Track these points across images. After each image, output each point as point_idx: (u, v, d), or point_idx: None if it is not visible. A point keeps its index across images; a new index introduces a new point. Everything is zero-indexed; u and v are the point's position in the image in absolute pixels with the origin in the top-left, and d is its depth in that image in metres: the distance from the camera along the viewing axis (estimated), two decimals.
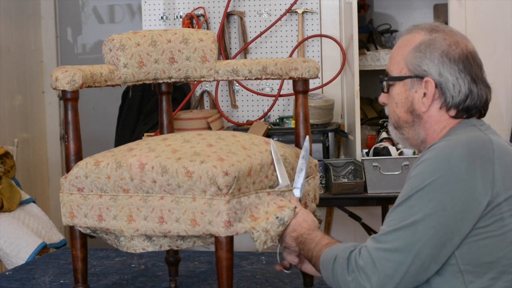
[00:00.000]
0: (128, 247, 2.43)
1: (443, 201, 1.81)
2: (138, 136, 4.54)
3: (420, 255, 1.82)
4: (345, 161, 4.31)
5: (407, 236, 1.82)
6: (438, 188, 1.82)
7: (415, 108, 1.99)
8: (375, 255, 1.84)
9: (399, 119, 2.03)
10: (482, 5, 4.23)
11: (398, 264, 1.82)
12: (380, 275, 1.83)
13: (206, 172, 2.24)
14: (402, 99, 2.01)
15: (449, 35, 1.97)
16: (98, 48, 5.69)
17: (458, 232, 1.82)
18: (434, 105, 1.97)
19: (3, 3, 5.09)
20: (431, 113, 1.98)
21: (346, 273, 1.89)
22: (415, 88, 1.98)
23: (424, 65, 1.96)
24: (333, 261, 1.94)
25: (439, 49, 1.95)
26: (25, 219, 4.23)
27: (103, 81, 2.59)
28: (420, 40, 1.97)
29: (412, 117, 2.00)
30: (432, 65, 1.95)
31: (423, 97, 1.97)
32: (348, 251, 1.91)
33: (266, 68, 2.72)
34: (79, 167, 2.43)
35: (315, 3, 4.63)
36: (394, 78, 2.02)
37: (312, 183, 2.61)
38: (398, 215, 1.86)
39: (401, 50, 2.01)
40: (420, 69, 1.97)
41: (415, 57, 1.97)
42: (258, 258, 3.33)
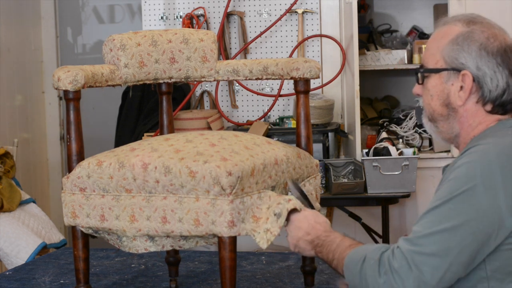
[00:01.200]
0: (130, 247, 2.43)
1: (482, 207, 1.77)
2: (138, 136, 4.54)
3: (457, 261, 1.78)
4: (345, 161, 4.31)
5: (445, 241, 1.77)
6: (478, 194, 1.78)
7: (451, 101, 1.95)
8: (410, 258, 1.79)
9: (434, 112, 1.99)
10: (482, 5, 4.24)
11: (435, 269, 1.77)
12: (416, 279, 1.78)
13: (210, 172, 2.24)
14: (437, 92, 1.97)
15: (487, 27, 1.93)
16: (98, 48, 5.69)
17: (494, 239, 1.79)
18: (470, 99, 1.93)
19: (3, 3, 5.09)
20: (467, 107, 1.94)
21: (377, 275, 1.83)
22: (451, 81, 1.94)
23: (462, 58, 1.91)
24: (361, 263, 1.88)
25: (477, 42, 1.90)
26: (25, 219, 4.23)
27: (104, 81, 2.59)
28: (458, 32, 1.93)
29: (447, 110, 1.97)
30: (470, 58, 1.91)
31: (460, 91, 1.93)
32: (379, 252, 1.86)
33: (267, 68, 2.72)
34: (81, 167, 2.44)
35: (315, 3, 4.63)
36: (430, 70, 1.97)
37: (313, 183, 2.62)
38: (435, 218, 1.80)
39: (437, 42, 1.96)
40: (457, 62, 1.92)
41: (453, 49, 1.92)
42: (258, 258, 3.34)
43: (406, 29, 5.34)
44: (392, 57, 4.76)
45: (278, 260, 3.30)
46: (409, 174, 4.12)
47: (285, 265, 3.23)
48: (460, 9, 4.30)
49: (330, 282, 2.97)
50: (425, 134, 4.57)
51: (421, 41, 4.76)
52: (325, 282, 2.98)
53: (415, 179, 4.14)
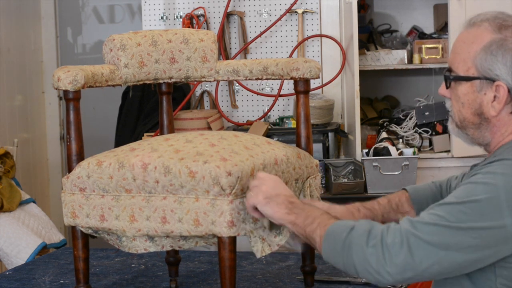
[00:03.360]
0: (130, 248, 2.43)
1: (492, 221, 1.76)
2: (138, 136, 4.54)
3: (449, 258, 1.76)
4: (345, 161, 4.32)
5: (446, 236, 1.76)
6: (493, 207, 1.76)
7: (484, 111, 1.90)
8: (406, 237, 1.77)
9: (464, 120, 1.94)
10: (482, 5, 4.23)
11: (425, 257, 1.76)
12: (404, 259, 1.76)
13: (209, 172, 2.24)
14: (469, 100, 1.91)
15: None
16: (98, 48, 5.69)
17: (495, 254, 1.78)
18: (504, 109, 1.89)
19: (3, 3, 5.09)
20: (500, 117, 1.90)
21: (365, 245, 1.79)
22: (484, 90, 1.89)
23: (497, 69, 1.86)
24: (348, 231, 1.83)
25: (511, 52, 1.86)
26: (25, 219, 4.23)
27: (104, 81, 2.59)
28: (490, 40, 1.87)
29: (479, 119, 1.92)
30: (504, 69, 1.86)
31: (493, 101, 1.88)
32: (369, 224, 1.83)
33: (267, 68, 2.72)
34: (81, 167, 2.44)
35: (315, 3, 4.64)
36: (462, 77, 1.92)
37: (313, 183, 2.62)
38: (444, 214, 1.78)
39: (468, 47, 1.90)
40: (491, 72, 1.87)
41: (486, 59, 1.87)
42: (258, 258, 3.33)
43: (406, 29, 5.34)
44: (392, 57, 4.76)
45: (278, 260, 3.30)
46: (409, 174, 4.13)
47: (285, 265, 3.23)
48: (460, 9, 4.30)
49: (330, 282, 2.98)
50: (425, 134, 4.57)
51: (421, 41, 4.76)
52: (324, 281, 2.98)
53: (415, 179, 4.14)
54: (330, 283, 2.96)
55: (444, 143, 4.54)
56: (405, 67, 4.76)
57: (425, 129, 4.58)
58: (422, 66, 4.74)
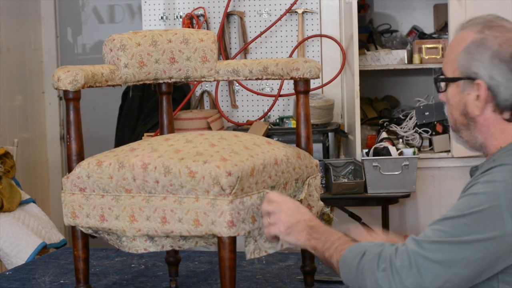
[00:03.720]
0: (130, 248, 2.43)
1: (497, 230, 1.75)
2: (138, 136, 4.54)
3: (459, 275, 1.76)
4: (345, 161, 4.32)
5: (453, 252, 1.75)
6: (495, 216, 1.75)
7: (469, 111, 1.91)
8: (414, 259, 1.77)
9: (456, 122, 1.95)
10: (482, 5, 4.24)
11: (435, 276, 1.75)
12: (415, 281, 1.76)
13: (209, 172, 2.24)
14: (456, 101, 1.93)
15: (501, 32, 1.88)
16: (98, 48, 5.69)
17: (502, 262, 1.77)
18: (487, 108, 1.89)
19: (3, 3, 5.09)
20: (486, 117, 1.90)
21: (376, 269, 1.80)
22: (467, 90, 1.90)
23: (474, 67, 1.87)
24: (361, 256, 1.84)
25: (489, 50, 1.86)
26: (25, 219, 4.23)
27: (104, 81, 2.59)
28: (471, 40, 1.88)
29: (466, 120, 1.93)
30: (482, 67, 1.86)
31: (476, 100, 1.89)
32: (379, 248, 1.83)
33: (267, 68, 2.72)
34: (81, 167, 2.44)
35: (315, 3, 4.64)
36: (445, 79, 1.94)
37: (313, 183, 2.62)
38: (448, 229, 1.78)
39: (454, 49, 1.92)
40: (470, 71, 1.88)
41: (465, 58, 1.88)
42: (258, 258, 3.33)
43: (406, 29, 5.34)
44: (392, 57, 4.76)
45: (278, 260, 3.30)
46: (409, 174, 4.13)
47: (285, 265, 3.23)
48: (460, 9, 4.30)
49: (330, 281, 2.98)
50: (425, 134, 4.57)
51: (421, 41, 4.76)
52: (324, 282, 2.98)
53: (415, 179, 4.14)
54: (330, 283, 2.96)
55: (444, 143, 4.54)
56: (405, 67, 4.76)
57: (425, 129, 4.58)
58: (422, 66, 4.74)
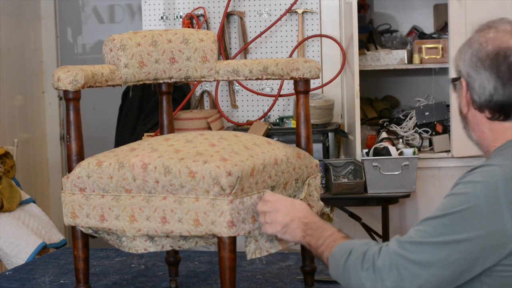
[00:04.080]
0: (130, 248, 2.43)
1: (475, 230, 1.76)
2: (138, 136, 4.54)
3: (438, 275, 1.77)
4: (345, 161, 4.32)
5: (431, 253, 1.77)
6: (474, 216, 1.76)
7: (461, 109, 1.95)
8: (394, 259, 1.80)
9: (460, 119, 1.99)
10: (482, 5, 4.23)
11: (414, 277, 1.78)
12: (394, 281, 1.78)
13: (209, 172, 2.24)
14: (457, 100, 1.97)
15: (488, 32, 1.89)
16: (98, 48, 5.69)
17: (481, 264, 1.77)
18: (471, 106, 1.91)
19: (3, 3, 5.09)
20: (473, 114, 1.92)
21: (360, 269, 1.83)
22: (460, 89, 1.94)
23: (460, 66, 1.91)
24: (347, 254, 1.88)
25: (471, 49, 1.89)
26: (25, 219, 4.23)
27: (104, 81, 2.59)
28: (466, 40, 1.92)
29: (461, 118, 1.96)
30: (463, 65, 1.90)
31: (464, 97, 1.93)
32: (365, 247, 1.86)
33: (267, 68, 2.72)
34: (81, 167, 2.44)
35: (315, 3, 4.64)
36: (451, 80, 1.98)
37: (313, 183, 2.62)
38: (429, 229, 1.80)
39: None
40: (457, 70, 1.93)
41: (456, 58, 1.93)
42: (258, 258, 3.33)
43: (406, 29, 5.34)
44: (392, 57, 4.76)
45: (278, 260, 3.30)
46: (409, 174, 4.13)
47: (285, 265, 3.23)
48: (460, 9, 4.30)
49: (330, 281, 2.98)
50: (425, 134, 4.57)
51: (421, 41, 4.76)
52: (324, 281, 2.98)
53: (415, 179, 4.14)
54: (330, 283, 2.96)
55: (444, 143, 4.54)
56: (405, 67, 4.76)
57: (425, 129, 4.58)
58: (422, 66, 4.74)
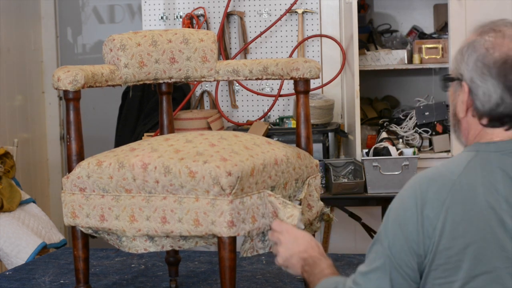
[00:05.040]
0: (130, 248, 2.43)
1: (390, 243, 1.81)
2: (138, 136, 4.54)
3: None
4: (345, 161, 4.31)
5: (380, 279, 1.81)
6: (388, 231, 1.82)
7: (456, 112, 1.90)
8: None
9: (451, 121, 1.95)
10: (482, 5, 4.23)
11: None
12: None
13: (209, 172, 2.24)
14: (451, 101, 1.92)
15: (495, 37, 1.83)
16: (98, 48, 5.69)
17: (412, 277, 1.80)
18: (469, 111, 1.86)
19: (3, 3, 5.09)
20: (468, 120, 1.87)
21: None
22: (458, 91, 1.88)
23: (461, 69, 1.85)
24: None
25: (476, 53, 1.83)
26: (25, 219, 4.23)
27: (104, 81, 2.59)
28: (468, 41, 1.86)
29: (455, 120, 1.92)
30: (466, 69, 1.84)
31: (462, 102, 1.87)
32: (334, 285, 1.91)
33: (267, 68, 2.72)
34: (81, 167, 2.44)
35: (315, 3, 4.63)
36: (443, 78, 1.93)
37: (313, 183, 2.62)
38: (371, 255, 1.85)
39: None
40: (458, 72, 1.86)
41: (457, 59, 1.87)
42: (258, 258, 3.33)
43: (406, 29, 5.34)
44: (392, 57, 4.76)
45: None
46: (409, 174, 4.12)
47: None
48: (460, 9, 4.30)
49: None
50: (425, 134, 4.57)
51: (421, 41, 4.76)
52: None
53: None
54: None
55: (444, 143, 4.54)
56: (405, 67, 4.76)
57: (425, 129, 4.58)
58: (422, 66, 4.74)
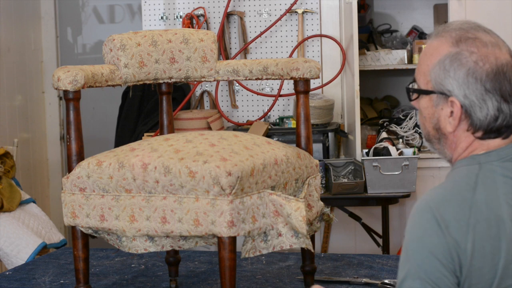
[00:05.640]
0: (130, 248, 2.43)
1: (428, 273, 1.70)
2: (138, 136, 4.54)
3: None
4: (345, 161, 4.31)
5: None
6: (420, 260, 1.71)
7: (441, 126, 1.83)
8: None
9: (428, 134, 1.89)
10: (482, 5, 4.23)
11: None
12: None
13: (209, 172, 2.24)
14: (429, 114, 1.85)
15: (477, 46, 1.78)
16: (98, 48, 5.69)
17: None
18: (460, 126, 1.81)
19: (3, 3, 5.09)
20: (457, 134, 1.82)
21: None
22: (441, 105, 1.82)
23: (448, 85, 1.78)
24: None
25: (464, 67, 1.77)
26: (25, 219, 4.23)
27: (104, 81, 2.59)
28: (446, 53, 1.79)
29: (438, 134, 1.85)
30: (456, 85, 1.77)
31: (450, 116, 1.81)
32: None
33: (267, 68, 2.72)
34: (81, 167, 2.44)
35: (315, 3, 4.63)
36: (419, 90, 1.85)
37: (313, 183, 2.62)
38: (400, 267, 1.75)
39: (428, 59, 1.84)
40: (444, 88, 1.79)
41: (439, 74, 1.79)
42: (258, 258, 3.33)
43: (406, 29, 5.34)
44: (392, 57, 4.76)
45: (278, 260, 3.30)
46: (409, 174, 4.12)
47: (285, 265, 3.23)
48: (460, 9, 4.30)
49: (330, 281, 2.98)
50: None
51: (421, 41, 4.76)
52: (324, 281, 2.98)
53: (415, 179, 4.14)
54: (330, 283, 2.96)
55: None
56: (405, 67, 4.76)
57: None
58: None
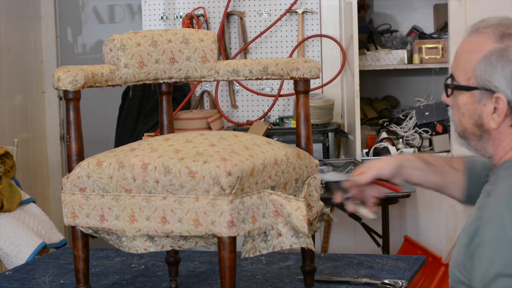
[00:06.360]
0: (130, 248, 2.43)
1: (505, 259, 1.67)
2: (138, 136, 4.54)
3: None
4: (345, 161, 4.31)
5: None
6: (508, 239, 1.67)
7: (484, 123, 1.82)
8: None
9: (465, 130, 1.87)
10: (482, 5, 4.24)
11: None
12: None
13: (209, 172, 2.24)
14: (469, 111, 1.84)
15: None
16: (98, 48, 5.69)
17: None
18: (505, 122, 1.80)
19: (3, 3, 5.09)
20: (501, 130, 1.82)
21: None
22: (484, 101, 1.81)
23: (495, 81, 1.78)
24: None
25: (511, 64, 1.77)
26: (25, 219, 4.23)
27: (104, 81, 2.59)
28: (491, 49, 1.79)
29: (479, 131, 1.84)
30: (504, 81, 1.77)
31: (493, 113, 1.80)
32: None
33: (267, 68, 2.72)
34: (81, 167, 2.44)
35: (315, 3, 4.64)
36: (461, 87, 1.84)
37: (313, 183, 2.62)
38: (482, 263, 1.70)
39: (468, 55, 1.83)
40: (490, 84, 1.78)
41: (485, 70, 1.79)
42: (258, 258, 3.33)
43: (406, 29, 5.34)
44: (392, 57, 4.76)
45: (278, 260, 3.29)
46: None
47: (285, 265, 3.23)
48: (460, 9, 4.30)
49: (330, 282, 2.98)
50: (425, 134, 4.57)
51: (421, 41, 4.76)
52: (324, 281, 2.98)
53: None
54: (330, 283, 2.96)
55: (444, 143, 4.54)
56: (405, 67, 4.77)
57: (425, 129, 4.58)
58: (422, 66, 4.74)
